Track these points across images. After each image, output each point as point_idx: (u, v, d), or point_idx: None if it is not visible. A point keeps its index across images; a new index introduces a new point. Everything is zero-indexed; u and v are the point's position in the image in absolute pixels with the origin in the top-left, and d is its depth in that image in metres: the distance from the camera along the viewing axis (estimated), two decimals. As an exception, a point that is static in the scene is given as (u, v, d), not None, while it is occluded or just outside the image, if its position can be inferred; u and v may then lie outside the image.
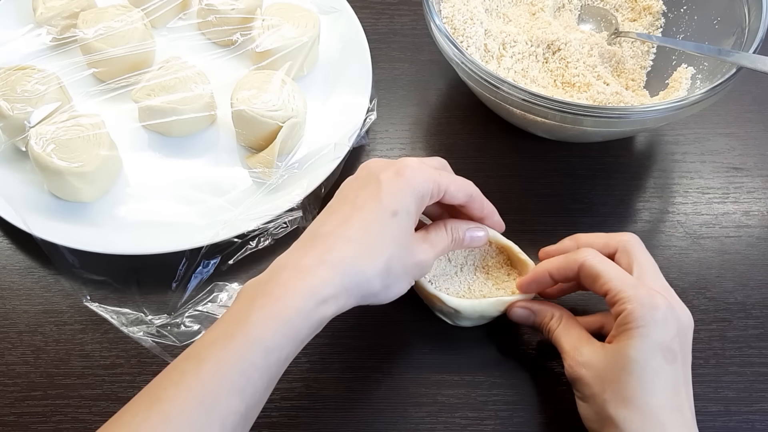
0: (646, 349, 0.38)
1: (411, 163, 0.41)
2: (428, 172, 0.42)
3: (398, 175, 0.41)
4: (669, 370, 0.38)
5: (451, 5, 0.58)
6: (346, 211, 0.40)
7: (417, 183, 0.41)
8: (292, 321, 0.37)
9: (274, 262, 0.40)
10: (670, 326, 0.39)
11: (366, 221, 0.40)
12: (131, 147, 0.56)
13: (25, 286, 0.52)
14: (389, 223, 0.40)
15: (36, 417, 0.46)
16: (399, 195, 0.40)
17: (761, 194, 0.57)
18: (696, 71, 0.56)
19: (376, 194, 0.40)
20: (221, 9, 0.60)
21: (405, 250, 0.41)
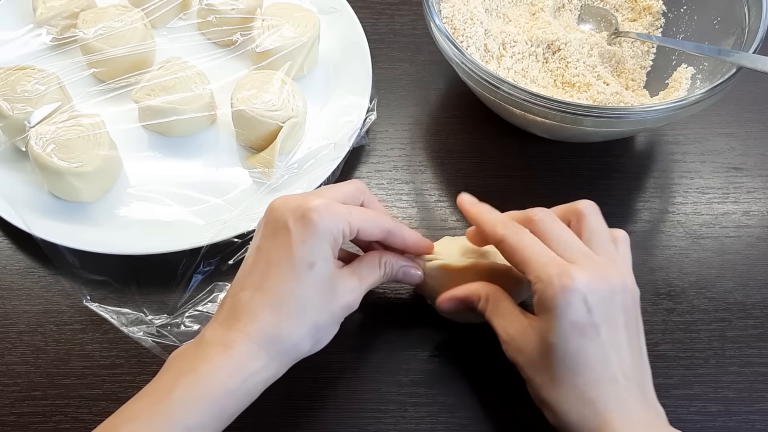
0: (563, 331, 0.38)
1: (317, 205, 0.39)
2: (336, 212, 0.40)
3: (305, 222, 0.39)
4: (592, 346, 0.38)
5: (451, 5, 0.58)
6: (262, 271, 0.39)
7: (326, 227, 0.39)
8: (217, 399, 0.37)
9: (200, 335, 0.40)
10: (586, 302, 0.37)
11: (284, 281, 0.39)
12: (131, 147, 0.56)
13: (25, 286, 0.52)
14: (308, 278, 0.39)
15: (36, 417, 0.46)
16: (310, 243, 0.39)
17: (761, 194, 0.57)
18: (696, 71, 0.56)
19: (287, 247, 0.39)
20: (221, 9, 0.60)
21: (330, 299, 0.40)
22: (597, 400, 0.38)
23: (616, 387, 0.38)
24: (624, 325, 0.39)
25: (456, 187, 0.57)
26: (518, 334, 0.41)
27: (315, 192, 0.42)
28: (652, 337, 0.50)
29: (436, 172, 0.58)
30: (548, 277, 0.38)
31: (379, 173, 0.58)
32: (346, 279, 0.42)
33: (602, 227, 0.42)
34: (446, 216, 0.56)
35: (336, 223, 0.39)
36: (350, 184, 0.44)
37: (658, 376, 0.40)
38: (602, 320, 0.38)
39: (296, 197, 0.41)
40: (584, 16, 0.64)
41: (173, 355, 0.40)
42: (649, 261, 0.54)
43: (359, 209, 0.42)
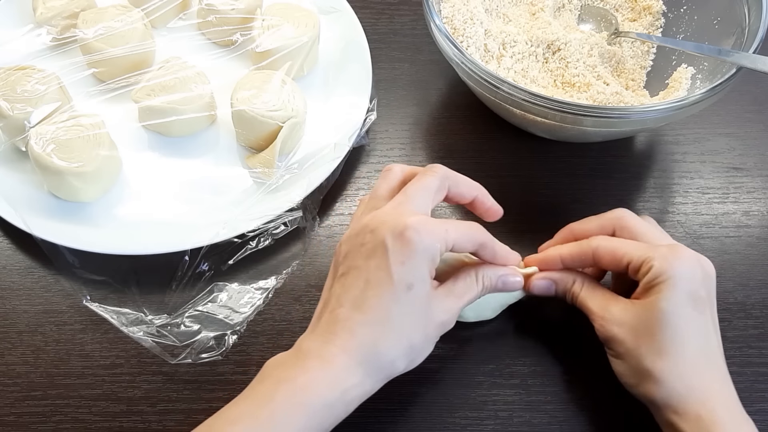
0: (677, 300, 0.39)
1: (414, 223, 0.39)
2: (433, 230, 0.39)
3: (404, 241, 0.39)
4: (700, 319, 0.40)
5: (451, 5, 0.58)
6: (361, 290, 0.39)
7: (425, 247, 0.39)
8: (316, 410, 0.37)
9: (297, 345, 0.40)
10: (697, 275, 0.40)
11: (382, 301, 0.39)
12: (131, 147, 0.56)
13: (25, 286, 0.52)
14: (405, 299, 0.39)
15: (36, 417, 0.46)
16: (409, 264, 0.39)
17: (761, 194, 0.57)
18: (696, 71, 0.56)
19: (386, 267, 0.39)
20: (221, 9, 0.60)
21: (426, 320, 0.40)
22: (704, 372, 0.39)
23: (717, 365, 0.40)
24: (715, 309, 0.42)
25: (456, 187, 0.57)
26: (619, 310, 0.42)
27: (405, 202, 0.41)
28: (652, 337, 0.50)
29: (436, 172, 0.58)
30: (661, 253, 0.41)
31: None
32: (442, 299, 0.42)
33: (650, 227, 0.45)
34: (446, 216, 0.56)
35: (433, 242, 0.39)
36: (434, 175, 0.43)
37: (658, 376, 0.40)
38: (707, 300, 0.41)
39: (389, 213, 0.41)
40: (584, 16, 0.64)
41: (270, 364, 0.40)
42: (649, 261, 0.54)
43: (455, 225, 0.41)
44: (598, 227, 0.45)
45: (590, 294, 0.44)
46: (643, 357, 0.40)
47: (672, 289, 0.39)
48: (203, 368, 0.48)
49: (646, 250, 0.41)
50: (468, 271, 0.44)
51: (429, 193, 0.42)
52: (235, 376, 0.48)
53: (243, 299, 0.50)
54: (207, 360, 0.47)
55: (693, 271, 0.40)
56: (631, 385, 0.41)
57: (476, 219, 0.46)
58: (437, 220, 0.41)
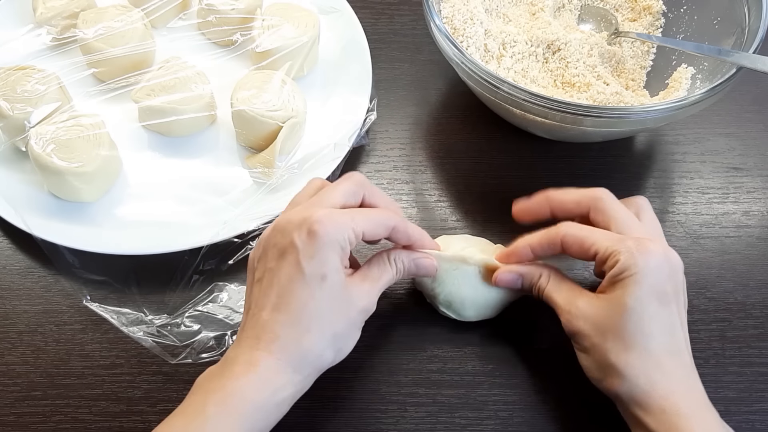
0: (642, 294, 0.39)
1: (319, 216, 0.39)
2: (339, 221, 0.40)
3: (311, 236, 0.39)
4: (665, 314, 0.40)
5: (451, 5, 0.58)
6: (276, 291, 0.40)
7: (332, 238, 0.39)
8: (248, 415, 0.37)
9: (225, 356, 0.40)
10: (663, 270, 0.40)
11: (299, 297, 0.39)
12: (131, 147, 0.56)
13: (25, 286, 0.52)
14: (321, 290, 0.39)
15: (36, 417, 0.46)
16: (318, 257, 0.39)
17: (761, 194, 0.57)
18: (696, 71, 0.56)
19: (297, 263, 0.39)
20: (221, 9, 0.60)
21: (345, 307, 0.41)
22: (667, 366, 0.39)
23: (681, 359, 0.40)
24: (683, 304, 0.41)
25: (456, 187, 0.57)
26: (585, 304, 0.42)
27: (314, 201, 0.42)
28: (652, 337, 0.50)
29: (436, 172, 0.58)
30: (627, 247, 0.40)
31: (379, 173, 0.58)
32: (357, 284, 0.42)
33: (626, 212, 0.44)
34: (446, 216, 0.56)
35: (340, 232, 0.39)
36: (348, 180, 0.43)
37: (658, 376, 0.40)
38: (673, 293, 0.40)
39: (297, 212, 0.41)
40: (584, 16, 0.64)
41: (200, 378, 0.40)
42: (649, 261, 0.54)
43: (361, 212, 0.42)
44: (574, 202, 0.45)
45: (556, 288, 0.44)
46: (608, 352, 0.40)
47: (637, 284, 0.39)
48: (203, 368, 0.47)
49: (614, 242, 0.41)
50: (380, 254, 0.44)
51: (340, 195, 0.42)
52: (235, 376, 0.48)
53: (243, 299, 0.50)
54: (207, 360, 0.47)
55: (659, 267, 0.40)
56: (597, 379, 0.41)
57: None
58: (345, 210, 0.41)
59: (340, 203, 0.42)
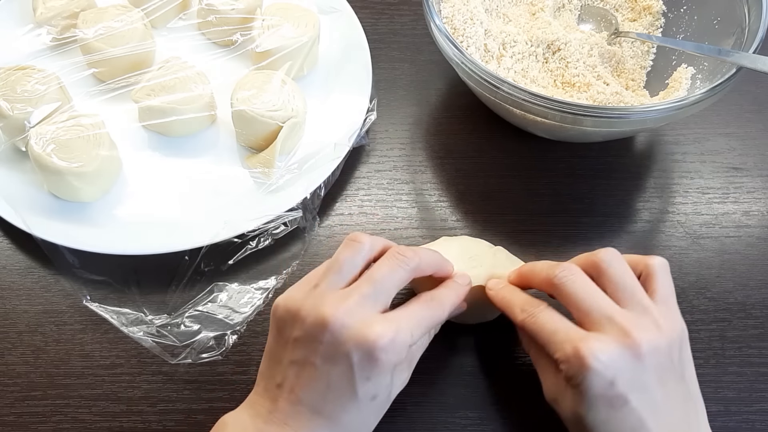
0: (588, 404, 0.37)
1: (384, 344, 0.37)
2: (402, 345, 0.38)
3: (372, 361, 0.37)
4: (620, 416, 0.37)
5: (451, 5, 0.58)
6: (321, 393, 0.38)
7: (393, 364, 0.38)
8: None
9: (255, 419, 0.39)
10: (605, 377, 0.37)
11: (345, 410, 0.38)
12: (131, 147, 0.56)
13: (25, 286, 0.52)
14: (369, 408, 0.38)
15: (36, 417, 0.46)
16: (375, 380, 0.37)
17: (761, 194, 0.57)
18: (696, 71, 0.56)
19: (350, 379, 0.37)
20: (221, 9, 0.60)
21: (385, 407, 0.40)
22: None
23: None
24: (658, 384, 0.38)
25: (456, 187, 0.57)
26: (556, 393, 0.40)
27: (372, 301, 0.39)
28: (652, 337, 0.50)
29: (436, 172, 0.58)
30: (565, 356, 0.38)
31: (379, 173, 0.58)
32: (398, 377, 0.40)
33: (626, 277, 0.41)
34: (446, 216, 0.56)
35: (400, 354, 0.38)
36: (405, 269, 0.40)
37: (658, 376, 0.40)
38: (629, 389, 0.37)
39: (354, 317, 0.38)
40: (584, 16, 0.64)
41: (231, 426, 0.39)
42: (649, 261, 0.54)
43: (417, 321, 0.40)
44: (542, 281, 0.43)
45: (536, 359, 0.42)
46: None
47: (580, 395, 0.37)
48: (203, 368, 0.48)
49: (558, 346, 0.39)
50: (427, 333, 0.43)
51: (394, 287, 0.40)
52: (235, 376, 0.48)
53: (243, 299, 0.50)
54: (207, 360, 0.47)
55: (595, 377, 0.37)
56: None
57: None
58: (404, 322, 0.39)
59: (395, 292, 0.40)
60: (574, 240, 0.54)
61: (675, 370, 0.39)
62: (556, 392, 0.40)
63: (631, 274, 0.41)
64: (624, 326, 0.38)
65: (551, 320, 0.40)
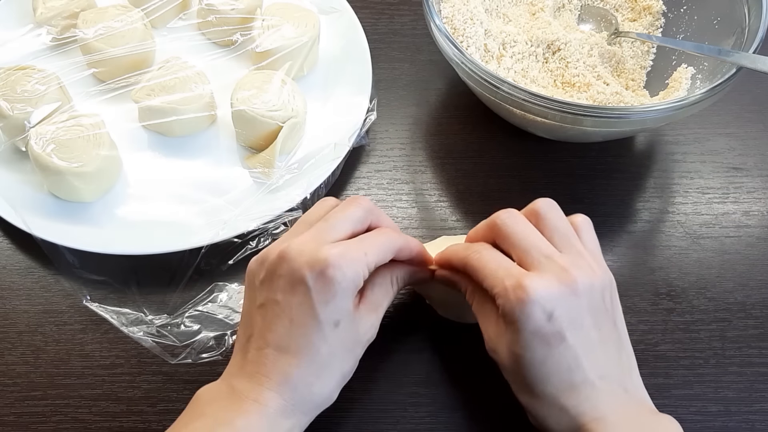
0: (526, 343, 0.38)
1: (334, 259, 0.38)
2: (354, 259, 0.38)
3: (325, 280, 0.38)
4: (557, 353, 0.37)
5: (451, 5, 0.58)
6: (285, 329, 0.38)
7: (348, 280, 0.38)
8: None
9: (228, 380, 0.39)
10: (544, 311, 0.37)
11: (310, 341, 0.38)
12: (131, 147, 0.56)
13: (25, 286, 0.52)
14: (334, 336, 0.39)
15: (36, 417, 0.46)
16: (333, 303, 0.38)
17: (761, 194, 0.57)
18: (696, 71, 0.56)
19: (310, 306, 0.38)
20: (221, 9, 0.60)
21: (354, 346, 0.40)
22: (570, 405, 0.38)
23: (591, 390, 0.38)
24: (594, 325, 0.39)
25: (456, 187, 0.57)
26: (496, 338, 0.40)
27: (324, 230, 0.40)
28: (652, 337, 0.50)
29: (436, 172, 0.58)
30: (504, 290, 0.38)
31: (379, 173, 0.58)
32: (364, 317, 0.41)
33: (561, 223, 0.42)
34: (446, 216, 0.56)
35: (355, 273, 0.38)
36: (357, 206, 0.42)
37: (659, 376, 0.40)
38: (566, 326, 0.38)
39: (308, 243, 0.39)
40: (584, 16, 0.64)
41: (203, 398, 0.39)
42: (649, 261, 0.54)
43: (371, 243, 0.40)
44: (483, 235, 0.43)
45: (478, 311, 0.42)
46: (516, 389, 0.40)
47: (518, 332, 0.38)
48: (203, 368, 0.48)
49: (498, 281, 0.39)
50: (383, 276, 0.43)
51: (349, 223, 0.41)
52: (235, 376, 0.48)
53: (243, 299, 0.50)
54: (207, 360, 0.47)
55: (534, 310, 0.37)
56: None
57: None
58: (354, 243, 0.40)
59: (350, 231, 0.41)
60: (574, 240, 0.54)
61: (608, 314, 0.40)
62: (495, 339, 0.40)
63: (566, 221, 0.42)
64: (562, 264, 0.39)
65: (494, 258, 0.40)
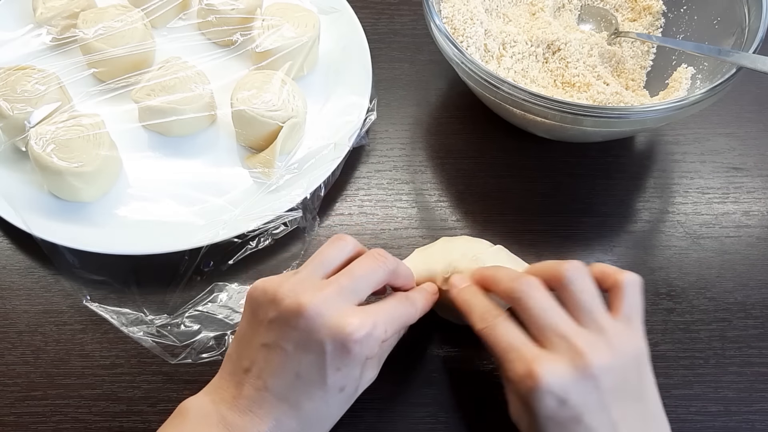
0: (541, 426, 0.37)
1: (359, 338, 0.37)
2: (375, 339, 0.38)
3: (345, 351, 0.37)
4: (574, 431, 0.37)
5: (451, 5, 0.58)
6: (290, 382, 0.38)
7: (364, 355, 0.38)
8: None
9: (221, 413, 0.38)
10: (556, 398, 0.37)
11: (313, 401, 0.38)
12: (131, 147, 0.56)
13: (25, 286, 0.52)
14: (336, 399, 0.39)
15: (36, 417, 0.46)
16: (345, 371, 0.38)
17: (761, 194, 0.57)
18: (696, 71, 0.56)
19: (320, 368, 0.37)
20: (221, 9, 0.60)
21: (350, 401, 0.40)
22: None
23: None
24: (614, 401, 0.37)
25: (456, 187, 0.57)
26: (516, 412, 0.40)
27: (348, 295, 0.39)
28: (652, 337, 0.50)
29: (436, 172, 0.58)
30: (516, 376, 0.38)
31: (379, 173, 0.58)
32: (366, 374, 0.41)
33: (586, 295, 0.40)
34: (446, 216, 0.56)
35: (373, 348, 0.38)
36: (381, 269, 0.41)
37: (659, 376, 0.40)
38: (582, 409, 0.37)
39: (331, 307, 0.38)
40: (584, 16, 0.64)
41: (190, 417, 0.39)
42: (649, 261, 0.54)
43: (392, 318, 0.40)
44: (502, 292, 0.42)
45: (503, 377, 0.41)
46: None
47: (533, 416, 0.37)
48: (203, 368, 0.48)
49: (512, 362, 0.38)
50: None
51: (372, 285, 0.41)
52: (235, 376, 0.48)
53: (243, 299, 0.50)
54: (207, 360, 0.47)
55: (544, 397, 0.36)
56: None
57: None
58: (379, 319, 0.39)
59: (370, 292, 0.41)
60: (574, 240, 0.54)
61: (631, 391, 0.38)
62: (516, 414, 0.40)
63: (593, 292, 0.40)
64: (577, 346, 0.37)
65: (507, 334, 0.39)
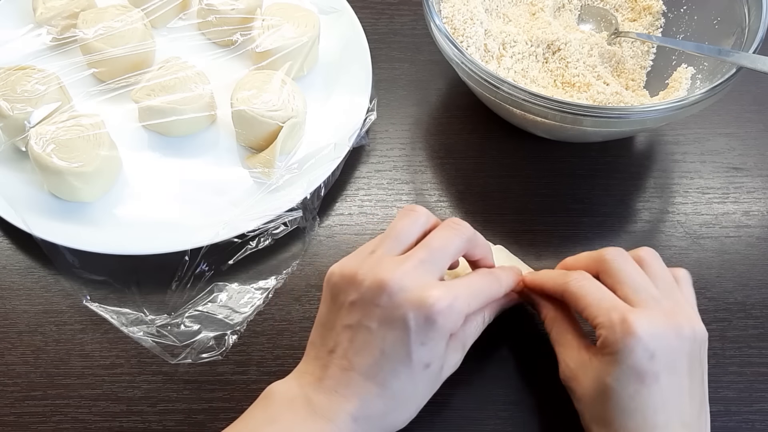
0: (621, 375, 0.38)
1: (442, 307, 0.37)
2: (461, 313, 0.38)
3: (429, 325, 0.37)
4: (648, 392, 0.38)
5: (451, 5, 0.58)
6: (375, 359, 0.38)
7: (448, 330, 0.38)
8: None
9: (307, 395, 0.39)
10: (648, 349, 0.38)
11: (398, 378, 0.38)
12: (131, 147, 0.56)
13: (25, 286, 0.52)
14: (422, 375, 0.39)
15: (36, 417, 0.46)
16: (430, 345, 0.38)
17: (761, 194, 0.57)
18: (696, 71, 0.56)
19: (405, 344, 0.37)
20: (221, 9, 0.60)
21: (436, 383, 0.41)
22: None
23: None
24: (687, 372, 0.39)
25: (456, 187, 0.57)
26: (578, 367, 0.41)
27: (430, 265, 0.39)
28: (652, 337, 0.50)
29: (436, 172, 0.58)
30: (611, 322, 0.39)
31: (379, 173, 0.58)
32: (451, 356, 0.41)
33: (665, 273, 0.42)
34: (446, 216, 0.56)
35: (457, 322, 0.39)
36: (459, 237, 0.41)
37: (658, 376, 0.40)
38: (664, 367, 0.38)
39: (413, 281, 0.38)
40: (584, 16, 0.64)
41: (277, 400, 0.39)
42: (649, 261, 0.54)
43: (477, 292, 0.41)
44: (585, 266, 0.44)
45: (558, 341, 0.43)
46: (590, 421, 0.40)
47: (616, 364, 0.38)
48: (203, 368, 0.48)
49: (603, 311, 0.39)
50: (475, 314, 0.42)
51: (451, 256, 0.41)
52: (235, 376, 0.48)
53: (243, 299, 0.50)
54: (207, 360, 0.47)
55: (639, 346, 0.38)
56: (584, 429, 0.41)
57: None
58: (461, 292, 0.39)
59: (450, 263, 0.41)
60: (574, 240, 0.54)
61: (701, 367, 0.41)
62: (576, 367, 0.41)
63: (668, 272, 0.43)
64: (669, 308, 0.40)
65: (598, 289, 0.41)
